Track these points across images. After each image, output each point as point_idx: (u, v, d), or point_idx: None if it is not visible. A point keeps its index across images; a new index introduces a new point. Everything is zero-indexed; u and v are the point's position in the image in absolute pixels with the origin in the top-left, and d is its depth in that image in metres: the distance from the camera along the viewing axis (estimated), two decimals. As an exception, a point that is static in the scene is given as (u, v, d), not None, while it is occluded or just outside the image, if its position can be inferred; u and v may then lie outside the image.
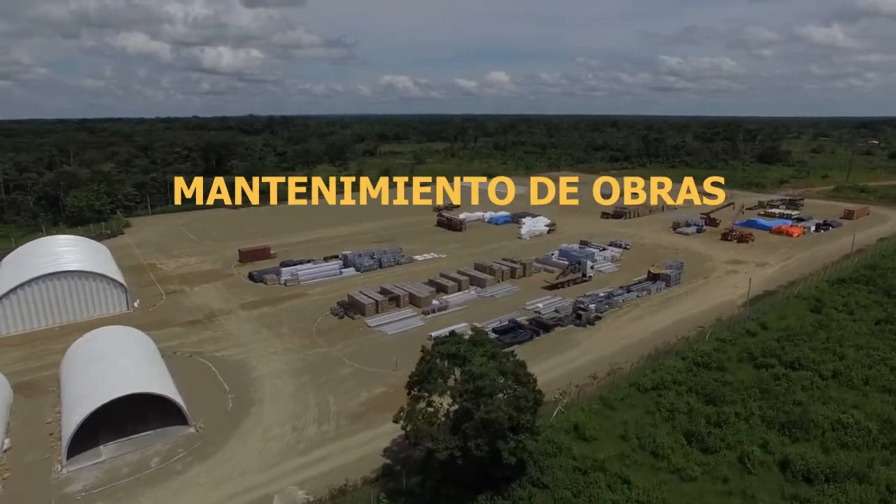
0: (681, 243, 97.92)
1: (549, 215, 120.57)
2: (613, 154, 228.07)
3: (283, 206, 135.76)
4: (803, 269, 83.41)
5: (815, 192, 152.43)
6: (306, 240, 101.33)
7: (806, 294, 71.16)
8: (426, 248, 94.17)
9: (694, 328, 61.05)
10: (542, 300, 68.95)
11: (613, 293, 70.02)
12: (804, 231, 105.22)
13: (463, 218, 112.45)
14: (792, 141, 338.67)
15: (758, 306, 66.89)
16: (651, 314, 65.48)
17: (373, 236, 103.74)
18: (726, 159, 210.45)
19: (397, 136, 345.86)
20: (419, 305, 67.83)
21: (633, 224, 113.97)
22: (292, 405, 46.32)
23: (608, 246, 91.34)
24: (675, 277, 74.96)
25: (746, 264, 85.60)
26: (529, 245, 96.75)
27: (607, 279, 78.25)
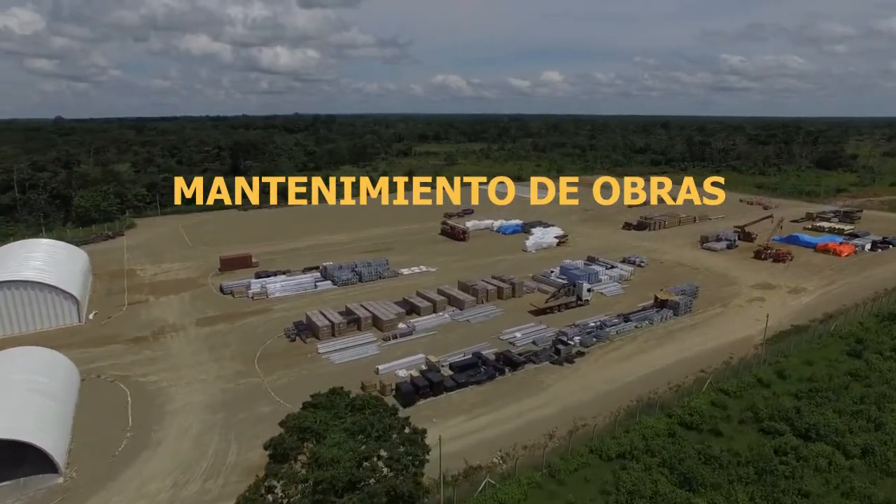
0: (705, 261, 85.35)
1: (566, 225, 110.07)
2: (655, 157, 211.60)
3: (293, 208, 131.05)
4: (848, 297, 69.75)
5: (877, 203, 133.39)
6: (300, 246, 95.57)
7: (845, 332, 58.39)
8: (419, 260, 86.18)
9: (694, 373, 50.18)
10: (522, 328, 59.61)
11: (607, 323, 59.75)
12: (856, 250, 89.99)
13: (468, 226, 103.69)
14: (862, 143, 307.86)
15: (781, 346, 55.05)
16: (646, 351, 54.89)
17: (370, 244, 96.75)
18: (779, 164, 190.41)
19: (437, 135, 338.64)
20: (382, 329, 60.11)
21: (656, 237, 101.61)
22: (189, 451, 39.62)
23: (618, 263, 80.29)
24: (685, 305, 63.63)
25: (778, 290, 72.67)
26: (533, 259, 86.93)
27: (609, 304, 67.75)
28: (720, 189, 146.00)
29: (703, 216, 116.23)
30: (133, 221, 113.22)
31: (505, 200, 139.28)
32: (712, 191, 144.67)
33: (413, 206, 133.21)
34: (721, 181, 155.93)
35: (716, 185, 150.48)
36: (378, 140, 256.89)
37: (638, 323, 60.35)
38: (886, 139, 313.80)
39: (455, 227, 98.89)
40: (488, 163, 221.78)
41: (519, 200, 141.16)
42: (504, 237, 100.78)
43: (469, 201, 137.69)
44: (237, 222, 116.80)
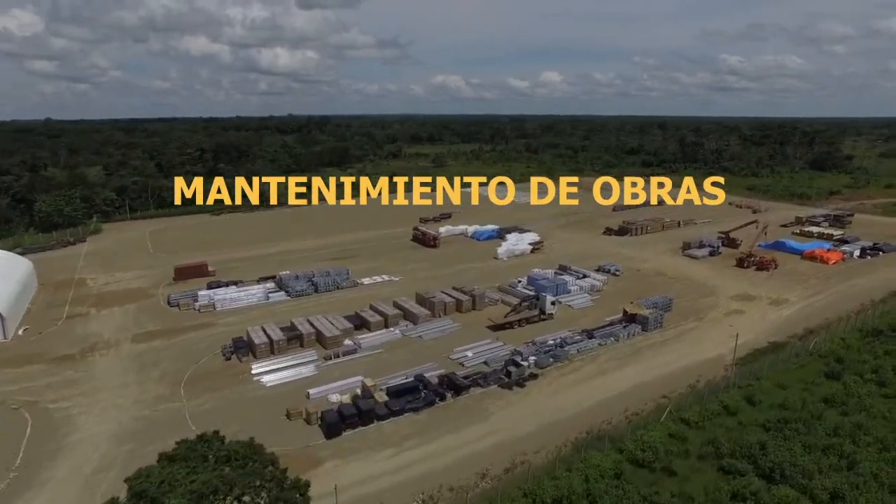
0: (685, 269, 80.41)
1: (546, 229, 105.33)
2: (647, 158, 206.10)
3: (271, 212, 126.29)
4: (832, 309, 64.85)
5: (870, 206, 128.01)
6: (267, 253, 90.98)
7: (825, 349, 53.46)
8: (384, 268, 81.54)
9: (656, 398, 45.45)
10: (475, 346, 54.90)
11: (568, 340, 55.00)
12: (844, 257, 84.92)
13: (440, 232, 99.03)
14: (859, 144, 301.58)
15: (754, 366, 50.17)
16: (606, 373, 50.10)
17: (338, 250, 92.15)
18: (772, 165, 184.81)
19: (431, 137, 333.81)
20: (326, 347, 55.53)
21: (636, 243, 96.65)
22: (73, 496, 35.07)
23: (591, 272, 75.39)
24: (655, 319, 58.78)
25: (758, 301, 67.73)
26: (504, 268, 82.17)
27: (576, 317, 62.94)
28: (720, 189, 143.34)
29: (688, 220, 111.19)
30: (100, 227, 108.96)
31: (504, 200, 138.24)
32: (712, 191, 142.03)
33: (398, 208, 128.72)
34: (721, 181, 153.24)
35: (716, 185, 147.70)
36: (368, 141, 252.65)
37: (602, 340, 55.55)
38: (884, 140, 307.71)
39: (426, 233, 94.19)
40: (478, 164, 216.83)
41: (517, 202, 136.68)
42: (478, 243, 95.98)
43: (469, 202, 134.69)
44: (208, 227, 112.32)
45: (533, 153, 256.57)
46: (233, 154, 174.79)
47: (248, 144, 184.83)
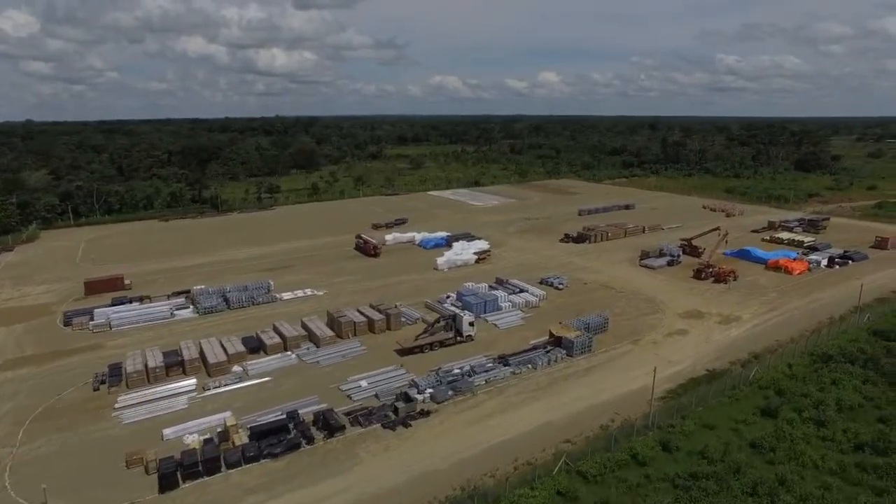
0: (636, 282, 73.56)
1: (501, 237, 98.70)
2: (627, 159, 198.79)
3: (220, 219, 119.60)
4: (786, 329, 57.98)
5: (848, 209, 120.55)
6: (198, 263, 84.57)
7: (767, 379, 46.67)
8: (313, 281, 75.04)
9: (557, 443, 38.81)
10: (372, 375, 48.33)
11: (476, 368, 48.37)
12: (809, 267, 77.84)
13: (386, 240, 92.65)
14: (851, 144, 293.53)
15: (683, 401, 43.47)
16: (510, 410, 43.40)
17: (273, 261, 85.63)
18: (756, 166, 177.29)
19: (417, 137, 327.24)
20: (210, 374, 49.13)
21: (594, 251, 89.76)
22: None
23: (530, 286, 68.54)
24: (581, 343, 52.06)
25: (706, 319, 60.86)
26: (441, 280, 75.41)
27: (500, 339, 56.23)
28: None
29: (654, 226, 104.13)
30: (37, 234, 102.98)
31: (475, 204, 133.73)
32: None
33: (356, 212, 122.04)
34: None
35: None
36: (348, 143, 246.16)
37: (517, 368, 48.91)
38: (875, 139, 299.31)
39: (367, 241, 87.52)
40: (456, 166, 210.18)
41: (482, 205, 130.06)
42: (424, 252, 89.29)
43: (433, 206, 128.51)
44: (152, 235, 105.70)
45: (517, 154, 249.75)
46: (201, 157, 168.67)
47: (219, 147, 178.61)
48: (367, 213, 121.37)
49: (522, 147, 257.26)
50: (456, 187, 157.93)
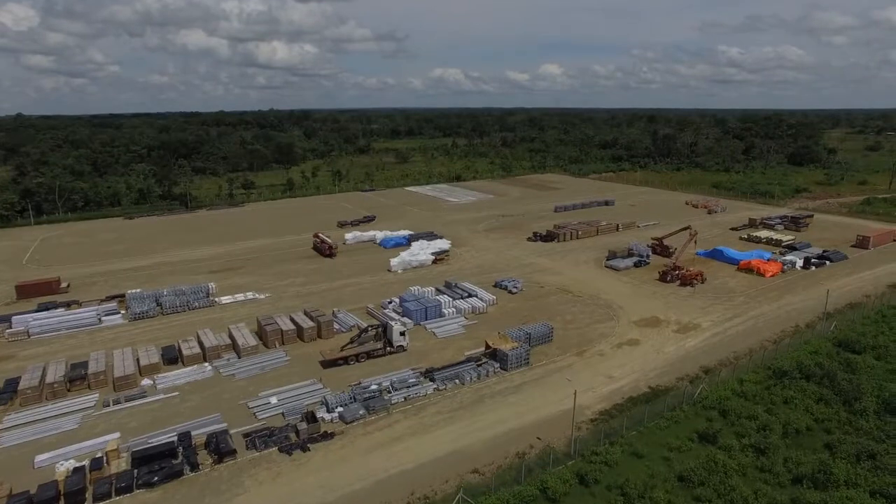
0: (597, 285, 69.07)
1: (467, 235, 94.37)
2: (617, 153, 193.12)
3: (187, 216, 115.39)
4: (747, 339, 53.47)
5: (835, 205, 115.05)
6: (147, 264, 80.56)
7: (713, 398, 42.33)
8: (258, 283, 71.11)
9: (465, 472, 34.75)
10: (285, 390, 44.39)
11: (396, 384, 44.29)
12: (784, 268, 73.05)
13: (347, 239, 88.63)
14: (851, 137, 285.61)
15: (615, 423, 39.26)
16: (422, 432, 39.25)
17: (224, 261, 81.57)
18: (747, 160, 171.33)
19: (411, 131, 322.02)
20: (116, 389, 45.35)
21: (561, 251, 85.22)
22: None
23: (480, 290, 64.09)
24: (519, 356, 47.85)
25: (663, 328, 56.40)
26: (392, 283, 71.14)
27: (436, 349, 52.03)
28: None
29: (629, 223, 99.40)
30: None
31: (450, 199, 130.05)
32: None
33: (326, 209, 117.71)
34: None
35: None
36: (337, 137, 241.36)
37: (442, 384, 44.82)
38: (876, 131, 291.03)
39: (324, 241, 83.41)
40: (442, 160, 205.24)
41: (457, 202, 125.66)
42: (384, 251, 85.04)
43: (408, 202, 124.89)
44: (112, 233, 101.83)
45: (509, 147, 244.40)
46: (181, 152, 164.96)
47: (201, 142, 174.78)
48: (338, 210, 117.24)
49: (514, 140, 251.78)
50: (437, 182, 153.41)
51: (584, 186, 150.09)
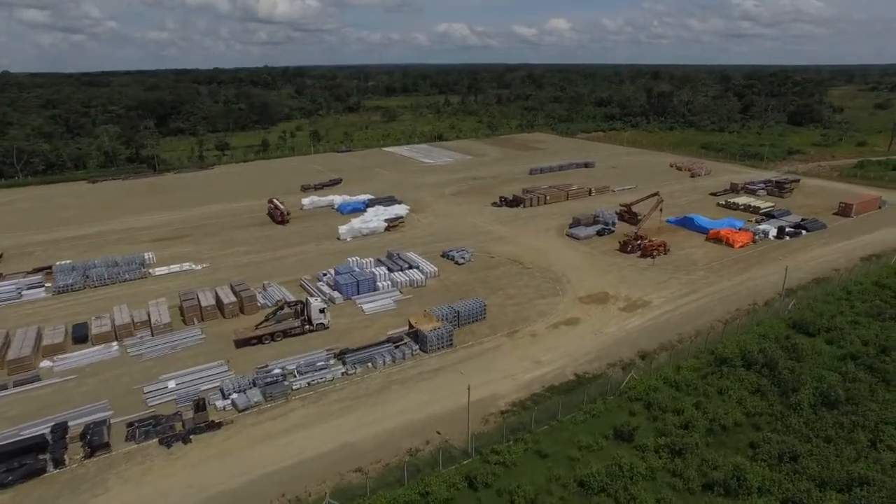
0: (551, 255, 64.57)
1: (431, 200, 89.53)
2: (609, 111, 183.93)
3: (151, 179, 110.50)
4: (697, 318, 49.26)
5: (827, 169, 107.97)
6: (88, 233, 76.20)
7: (640, 389, 38.53)
8: (202, 253, 67.38)
9: (344, 473, 31.54)
10: (186, 373, 41.17)
11: (303, 367, 40.89)
12: (755, 238, 67.95)
13: (304, 204, 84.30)
14: (863, 94, 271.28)
15: (525, 417, 35.71)
16: (316, 423, 35.86)
17: (171, 229, 77.47)
18: (745, 119, 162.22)
19: (406, 88, 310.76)
20: (9, 372, 42.35)
21: (525, 217, 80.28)
22: None
23: (423, 262, 59.85)
24: (440, 336, 44.12)
25: (610, 305, 52.23)
26: (341, 251, 66.97)
27: (361, 327, 48.47)
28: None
29: (603, 188, 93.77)
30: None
31: (425, 160, 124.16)
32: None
33: (297, 171, 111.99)
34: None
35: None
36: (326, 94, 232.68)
37: (353, 367, 41.40)
38: (889, 88, 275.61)
39: (277, 207, 79.10)
40: (430, 118, 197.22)
41: (431, 164, 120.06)
42: (340, 217, 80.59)
43: (383, 163, 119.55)
44: (69, 199, 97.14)
45: (503, 105, 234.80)
46: (160, 112, 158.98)
47: (182, 101, 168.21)
48: (308, 173, 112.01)
49: (509, 98, 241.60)
50: (418, 142, 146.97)
51: (570, 146, 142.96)
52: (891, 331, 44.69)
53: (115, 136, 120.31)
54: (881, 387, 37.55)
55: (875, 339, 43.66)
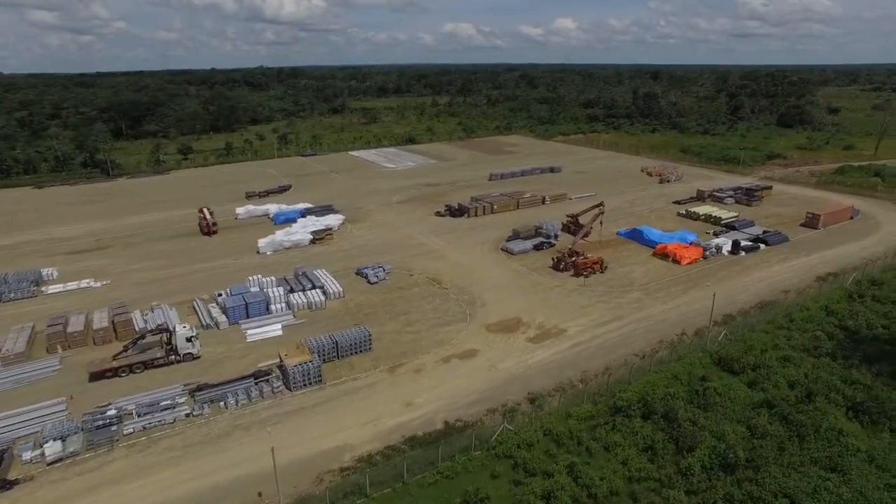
0: (476, 273, 58.82)
1: (374, 208, 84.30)
2: (593, 113, 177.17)
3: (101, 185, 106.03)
4: (613, 351, 43.41)
5: (806, 175, 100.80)
6: (11, 243, 72.16)
7: (512, 443, 33.00)
8: (112, 267, 62.76)
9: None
10: (11, 414, 36.42)
11: (142, 408, 35.88)
12: (705, 254, 61.77)
13: (238, 213, 79.38)
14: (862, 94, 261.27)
15: (374, 474, 30.44)
16: (128, 479, 30.65)
17: (93, 240, 72.31)
18: (732, 121, 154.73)
19: (398, 88, 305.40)
20: None
21: (465, 228, 74.69)
22: None
23: (330, 280, 54.50)
24: (306, 372, 38.90)
25: (521, 332, 46.53)
26: (258, 266, 62.03)
27: (235, 357, 43.33)
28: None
29: (560, 195, 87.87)
30: None
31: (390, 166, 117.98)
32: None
33: (254, 176, 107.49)
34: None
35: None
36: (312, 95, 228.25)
37: (200, 407, 36.35)
38: (892, 89, 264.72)
39: (204, 217, 74.36)
40: (410, 120, 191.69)
41: (392, 170, 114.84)
42: (273, 228, 75.49)
43: (355, 168, 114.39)
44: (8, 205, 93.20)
45: (492, 106, 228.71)
46: (133, 114, 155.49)
47: (157, 103, 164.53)
48: (263, 178, 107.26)
49: (498, 99, 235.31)
50: (388, 145, 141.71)
51: (544, 150, 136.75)
52: (822, 370, 38.79)
53: (65, 140, 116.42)
54: (793, 443, 31.79)
55: (804, 379, 37.78)
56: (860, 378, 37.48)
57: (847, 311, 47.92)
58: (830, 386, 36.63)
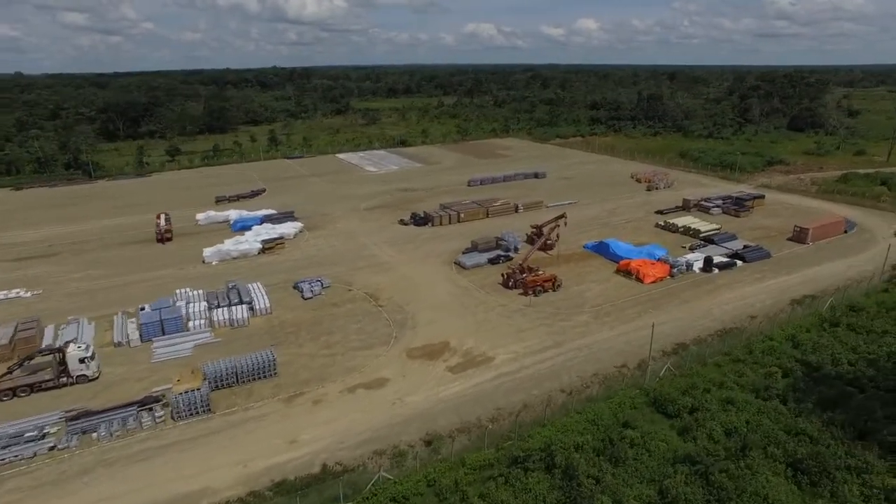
0: (420, 290, 54.59)
1: (340, 215, 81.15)
2: (595, 115, 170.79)
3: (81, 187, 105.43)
4: (538, 385, 39.01)
5: (807, 183, 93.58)
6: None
7: (387, 495, 29.10)
8: (56, 275, 60.84)
9: None
10: None
11: (2, 440, 33.18)
12: (671, 272, 56.55)
13: (198, 219, 77.26)
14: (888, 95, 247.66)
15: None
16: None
17: (47, 245, 70.77)
18: (740, 124, 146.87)
19: (408, 89, 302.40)
20: None
21: (426, 238, 70.62)
22: None
23: (258, 295, 51.11)
24: (192, 401, 35.70)
25: (444, 359, 42.38)
26: (200, 277, 59.42)
27: (136, 379, 40.34)
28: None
29: (535, 203, 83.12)
30: None
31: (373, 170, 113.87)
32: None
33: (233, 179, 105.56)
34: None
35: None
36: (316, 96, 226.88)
37: (67, 439, 33.30)
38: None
39: (158, 224, 72.05)
40: (410, 121, 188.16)
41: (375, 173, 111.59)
42: (232, 235, 72.87)
43: (335, 172, 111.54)
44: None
45: (499, 107, 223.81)
46: (130, 115, 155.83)
47: (156, 104, 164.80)
48: (241, 181, 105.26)
49: (505, 100, 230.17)
50: (378, 148, 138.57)
51: (537, 153, 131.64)
52: (767, 417, 33.80)
53: (49, 141, 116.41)
54: (708, 511, 27.22)
55: (744, 427, 32.94)
56: (807, 428, 32.40)
57: (815, 342, 42.53)
58: (771, 437, 31.72)
